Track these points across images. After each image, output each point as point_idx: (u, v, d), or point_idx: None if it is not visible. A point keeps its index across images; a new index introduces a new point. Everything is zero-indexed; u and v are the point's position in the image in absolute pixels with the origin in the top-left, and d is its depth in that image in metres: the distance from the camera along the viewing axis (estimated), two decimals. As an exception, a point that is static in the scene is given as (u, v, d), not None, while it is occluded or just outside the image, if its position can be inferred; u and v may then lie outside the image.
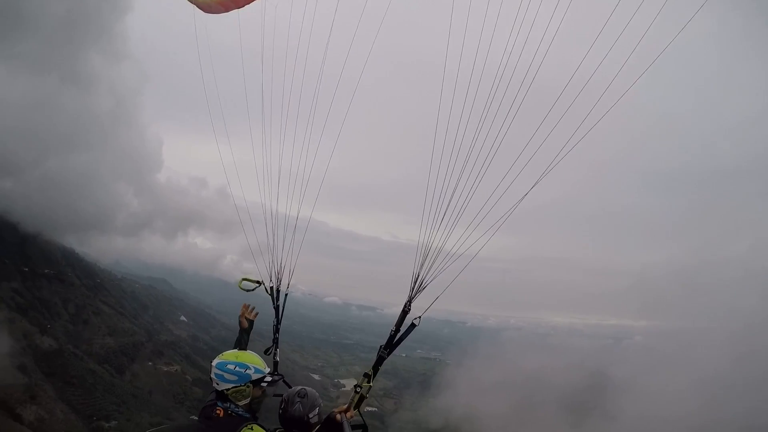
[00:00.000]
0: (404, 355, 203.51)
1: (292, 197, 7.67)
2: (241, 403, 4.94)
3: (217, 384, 4.88)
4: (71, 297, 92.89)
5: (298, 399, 5.27)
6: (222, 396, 4.90)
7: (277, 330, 7.45)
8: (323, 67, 7.90)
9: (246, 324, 6.79)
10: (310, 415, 5.20)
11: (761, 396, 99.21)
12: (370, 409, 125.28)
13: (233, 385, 4.89)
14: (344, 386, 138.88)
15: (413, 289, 5.86)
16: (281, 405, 5.35)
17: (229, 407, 4.82)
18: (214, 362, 4.97)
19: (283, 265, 7.54)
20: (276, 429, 5.27)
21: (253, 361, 5.12)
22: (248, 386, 4.99)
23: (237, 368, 4.95)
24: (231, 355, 5.07)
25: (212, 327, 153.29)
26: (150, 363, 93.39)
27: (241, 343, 6.48)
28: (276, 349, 7.24)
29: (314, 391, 5.48)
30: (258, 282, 7.54)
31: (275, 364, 6.98)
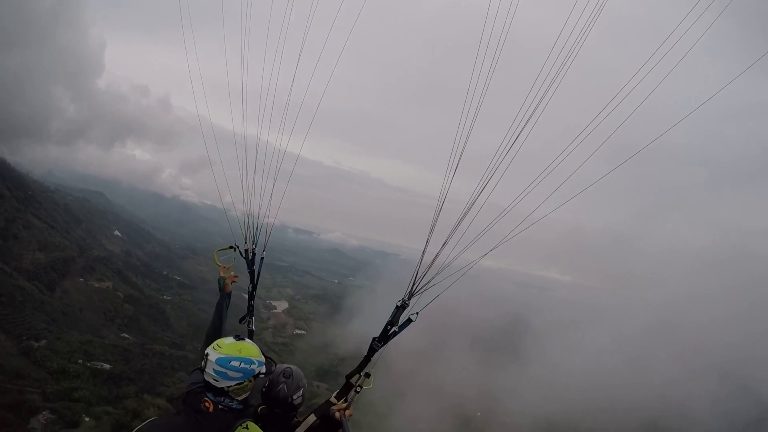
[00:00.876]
0: (336, 281, 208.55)
1: (245, 116, 7.06)
2: (240, 398, 4.65)
3: (216, 381, 4.45)
4: (0, 210, 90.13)
5: (282, 379, 5.04)
6: (218, 391, 4.53)
7: (252, 296, 7.01)
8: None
9: (230, 287, 6.37)
10: (294, 397, 5.05)
11: (675, 369, 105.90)
12: (298, 331, 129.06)
13: (237, 382, 4.53)
14: (275, 308, 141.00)
15: (413, 285, 5.66)
16: (265, 384, 5.09)
17: (222, 401, 4.50)
18: (212, 356, 4.45)
19: (259, 225, 6.97)
20: (260, 405, 5.08)
21: (255, 354, 4.72)
22: (251, 381, 4.68)
23: (242, 365, 4.53)
24: (233, 349, 4.57)
25: (147, 242, 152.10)
26: (81, 279, 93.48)
27: (223, 309, 6.06)
28: (251, 318, 6.80)
29: (299, 371, 5.26)
30: (231, 247, 6.99)
31: (250, 333, 6.53)
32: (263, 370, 4.72)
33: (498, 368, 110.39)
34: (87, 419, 58.71)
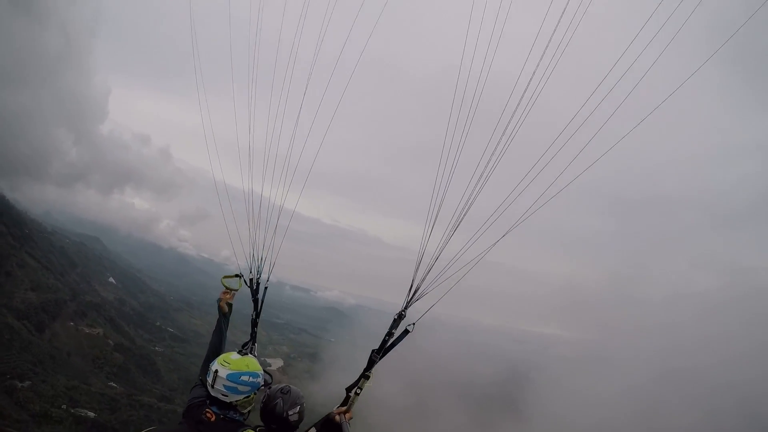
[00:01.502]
0: (333, 340, 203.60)
1: (247, 172, 7.22)
2: (245, 411, 4.80)
3: (225, 396, 4.60)
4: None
5: (279, 395, 5.08)
6: (225, 405, 4.65)
7: (255, 324, 7.09)
8: (298, 46, 7.40)
9: (226, 309, 6.43)
10: (290, 413, 5.03)
11: (691, 414, 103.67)
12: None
13: (245, 396, 4.70)
14: (270, 365, 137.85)
15: (410, 296, 5.71)
16: (263, 400, 5.13)
17: (228, 414, 4.62)
18: (222, 372, 4.62)
19: (263, 256, 7.16)
20: (257, 426, 5.02)
21: (258, 368, 4.92)
22: (256, 394, 4.86)
23: (251, 378, 4.73)
24: (241, 364, 4.76)
25: (141, 292, 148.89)
26: (72, 323, 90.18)
27: (222, 330, 6.21)
28: (254, 344, 6.85)
29: (298, 390, 5.29)
30: (237, 275, 7.11)
31: None
32: (263, 382, 4.97)
33: (497, 427, 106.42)
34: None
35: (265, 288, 7.26)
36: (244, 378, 4.65)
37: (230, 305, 6.52)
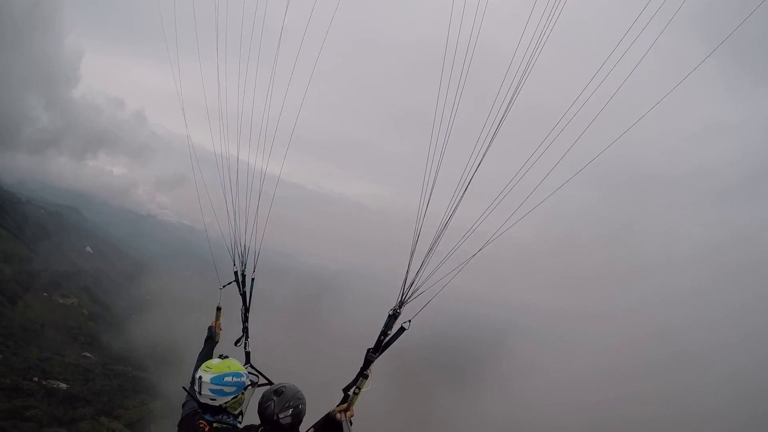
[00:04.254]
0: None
1: (226, 137, 6.98)
2: (236, 412, 4.89)
3: (213, 400, 4.67)
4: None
5: (273, 397, 4.94)
6: (216, 410, 4.71)
7: (245, 318, 6.99)
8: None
9: (219, 338, 6.63)
10: (281, 415, 4.87)
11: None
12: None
13: (233, 396, 4.78)
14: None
15: (404, 293, 5.60)
16: (259, 401, 5.05)
17: (221, 419, 4.71)
18: (206, 377, 4.66)
19: (247, 247, 6.99)
20: (258, 427, 5.00)
21: (240, 368, 4.96)
22: (243, 393, 4.91)
23: (234, 379, 4.78)
24: (223, 366, 4.81)
25: (119, 261, 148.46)
26: (45, 294, 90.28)
27: (210, 351, 6.31)
28: (247, 340, 6.85)
29: (295, 389, 5.08)
30: (231, 282, 7.13)
31: (247, 355, 6.69)
32: (249, 381, 5.14)
33: (453, 393, 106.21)
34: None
35: (252, 279, 7.15)
36: (228, 379, 4.73)
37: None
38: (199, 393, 4.68)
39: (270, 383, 6.21)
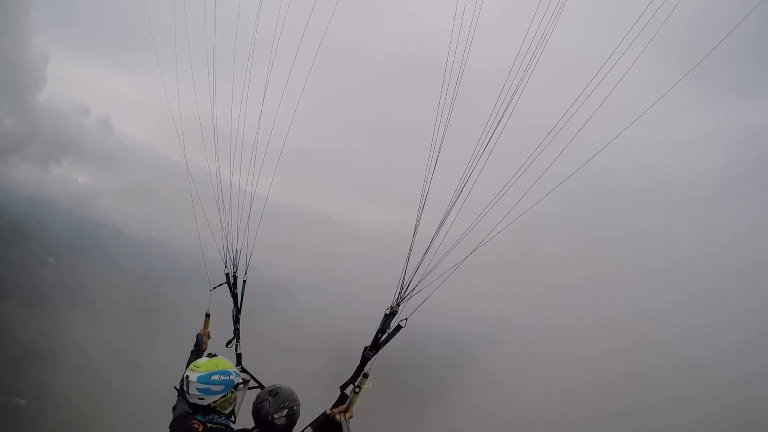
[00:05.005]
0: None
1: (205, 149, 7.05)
2: (227, 411, 4.92)
3: (202, 399, 4.71)
4: None
5: (268, 398, 5.02)
6: (206, 410, 4.74)
7: (237, 320, 7.03)
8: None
9: (207, 345, 6.67)
10: (276, 416, 4.92)
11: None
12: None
13: (221, 395, 4.82)
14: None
15: (400, 291, 5.68)
16: (254, 402, 5.15)
17: (213, 419, 4.73)
18: (193, 377, 4.70)
19: (239, 249, 6.99)
20: (254, 428, 5.08)
21: (230, 366, 5.00)
22: (233, 392, 4.94)
23: (222, 377, 4.81)
24: (210, 365, 4.83)
25: (82, 272, 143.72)
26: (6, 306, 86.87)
27: (198, 356, 6.30)
28: (238, 341, 6.93)
29: (290, 391, 5.11)
30: (222, 283, 7.22)
31: (238, 357, 6.77)
32: (240, 380, 5.04)
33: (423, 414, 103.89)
34: None
35: (244, 281, 7.20)
36: (215, 377, 4.74)
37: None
38: (188, 392, 4.72)
39: (261, 386, 6.42)
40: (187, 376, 4.72)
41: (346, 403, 5.45)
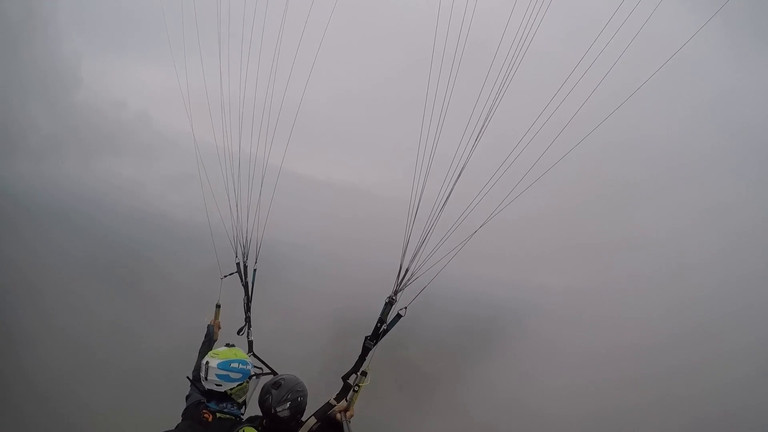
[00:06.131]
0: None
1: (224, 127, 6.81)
2: (241, 400, 4.99)
3: (219, 385, 4.77)
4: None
5: (271, 390, 4.99)
6: (221, 396, 4.81)
7: (248, 308, 7.02)
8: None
9: (218, 335, 6.72)
10: (278, 408, 4.91)
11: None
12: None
13: (238, 383, 4.88)
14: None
15: (399, 280, 5.50)
16: (260, 393, 5.12)
17: (225, 407, 4.77)
18: (213, 363, 4.77)
19: (249, 238, 6.92)
20: (261, 418, 5.07)
21: (245, 356, 5.08)
22: (247, 381, 5.03)
23: (240, 365, 4.88)
24: (229, 353, 4.93)
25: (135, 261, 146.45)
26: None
27: (210, 345, 6.45)
28: (249, 329, 6.88)
29: (295, 381, 5.11)
30: (233, 273, 7.14)
31: (250, 344, 6.72)
32: (254, 371, 5.25)
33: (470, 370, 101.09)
34: None
35: (254, 270, 7.11)
36: (234, 365, 4.84)
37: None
38: (206, 378, 4.80)
39: (273, 372, 6.40)
40: (207, 362, 4.83)
41: (348, 403, 5.37)
